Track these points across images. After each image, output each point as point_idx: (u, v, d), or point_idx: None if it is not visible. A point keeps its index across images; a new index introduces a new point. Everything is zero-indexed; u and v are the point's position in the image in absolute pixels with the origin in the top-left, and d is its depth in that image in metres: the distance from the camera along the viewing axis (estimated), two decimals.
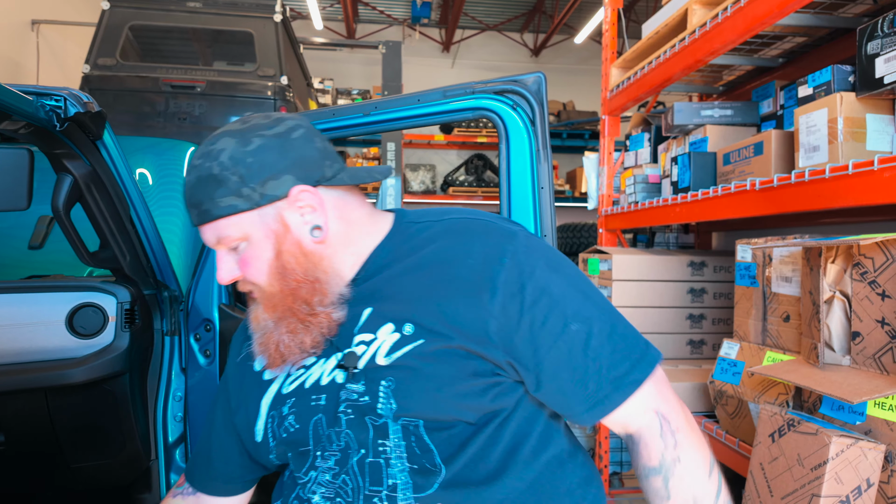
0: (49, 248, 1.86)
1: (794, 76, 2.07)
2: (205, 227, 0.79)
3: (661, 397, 0.78)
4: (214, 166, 0.76)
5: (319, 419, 0.78)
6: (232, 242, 0.78)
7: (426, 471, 0.74)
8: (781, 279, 1.51)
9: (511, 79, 1.07)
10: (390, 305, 0.77)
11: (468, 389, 0.73)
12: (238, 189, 0.76)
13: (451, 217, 0.83)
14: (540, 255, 0.78)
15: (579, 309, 0.76)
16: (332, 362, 0.79)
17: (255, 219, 0.77)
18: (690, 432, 0.78)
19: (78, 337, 1.20)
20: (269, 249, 0.78)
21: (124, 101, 3.75)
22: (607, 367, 0.75)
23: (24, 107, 0.90)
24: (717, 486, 0.77)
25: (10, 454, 1.19)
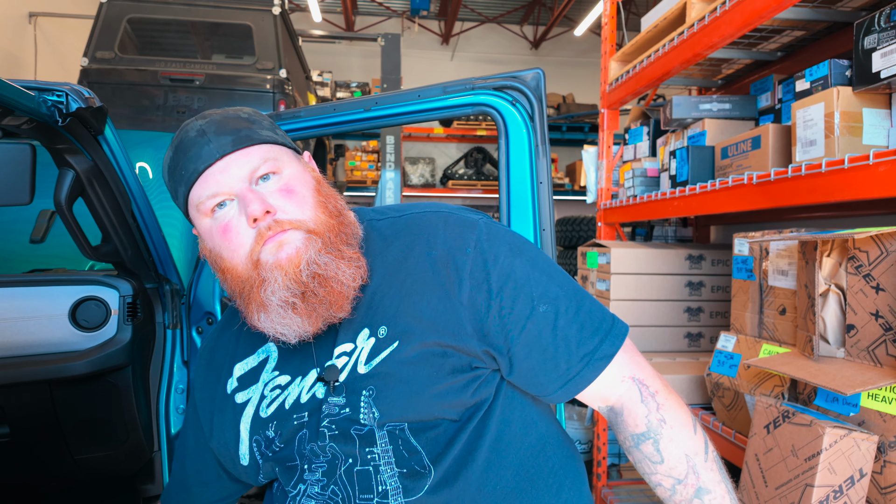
0: (50, 241, 1.87)
1: (793, 70, 2.07)
2: (246, 150, 0.74)
3: (634, 364, 0.80)
4: (241, 113, 0.78)
5: (304, 435, 0.78)
6: (269, 168, 0.75)
7: (416, 473, 0.74)
8: (778, 272, 1.52)
9: (510, 75, 1.08)
10: (363, 310, 0.77)
11: (448, 388, 0.74)
12: (272, 129, 0.79)
13: (411, 212, 0.83)
14: (502, 241, 0.79)
15: (545, 290, 0.77)
16: (310, 378, 0.78)
17: (291, 154, 0.79)
18: (669, 394, 0.80)
19: (81, 330, 1.22)
20: (310, 180, 0.78)
21: (123, 94, 3.75)
22: (576, 345, 0.76)
23: (27, 102, 0.91)
24: (704, 441, 0.79)
25: (15, 446, 1.21)
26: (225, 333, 0.90)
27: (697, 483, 0.77)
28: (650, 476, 0.80)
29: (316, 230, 0.74)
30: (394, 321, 0.75)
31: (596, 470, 2.47)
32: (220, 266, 0.76)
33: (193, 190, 0.76)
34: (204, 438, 0.88)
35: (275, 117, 1.27)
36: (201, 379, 0.89)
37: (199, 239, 0.80)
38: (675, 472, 0.78)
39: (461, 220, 0.80)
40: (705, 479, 0.77)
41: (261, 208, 0.72)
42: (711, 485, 0.77)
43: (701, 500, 0.77)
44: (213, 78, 3.80)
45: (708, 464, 0.78)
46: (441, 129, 7.73)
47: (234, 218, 0.74)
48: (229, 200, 0.75)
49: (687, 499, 0.77)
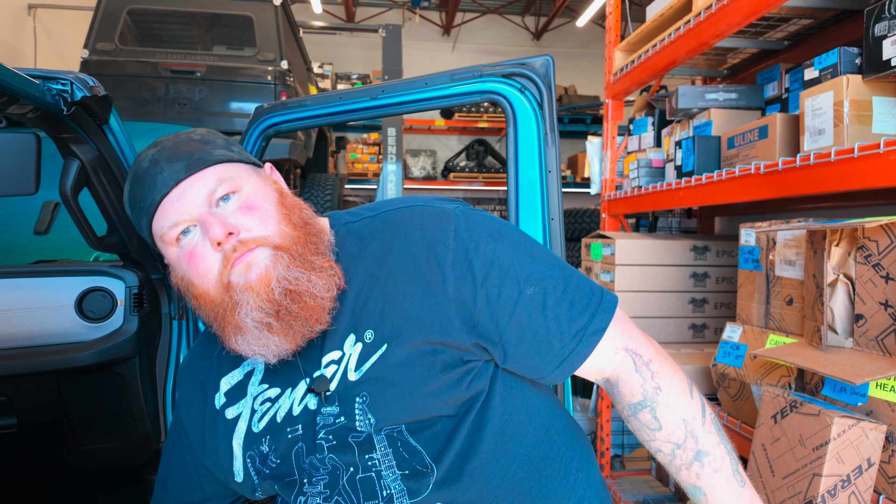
0: (53, 233, 1.87)
1: (800, 59, 2.06)
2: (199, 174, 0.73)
3: (626, 335, 0.79)
4: (193, 135, 0.77)
5: (300, 448, 0.77)
6: (227, 189, 0.74)
7: (418, 473, 0.73)
8: (785, 263, 1.52)
9: (519, 62, 1.07)
10: (348, 316, 0.75)
11: (441, 385, 0.73)
12: (228, 147, 0.78)
13: (385, 210, 0.81)
14: (481, 228, 0.78)
15: (531, 272, 0.76)
16: (300, 389, 0.77)
17: (248, 169, 0.78)
18: (663, 360, 0.80)
19: (87, 321, 1.21)
20: (271, 193, 0.76)
21: (124, 86, 3.73)
22: (567, 323, 0.76)
23: (32, 90, 0.90)
24: (701, 404, 0.80)
25: (22, 436, 1.21)
26: (206, 351, 0.87)
27: (696, 446, 0.77)
28: (650, 443, 0.80)
29: (282, 245, 0.72)
30: (380, 324, 0.74)
31: (599, 461, 2.48)
32: (193, 293, 0.75)
33: (154, 221, 0.75)
34: (191, 457, 0.86)
35: (280, 107, 1.26)
36: (186, 395, 0.87)
37: (170, 268, 0.78)
38: (673, 437, 0.78)
39: (437, 211, 0.78)
40: (704, 441, 0.78)
41: (222, 231, 0.71)
42: (710, 447, 0.78)
43: (701, 462, 0.77)
44: (213, 69, 3.78)
45: (706, 427, 0.78)
46: (442, 122, 7.70)
47: (198, 243, 0.73)
48: (192, 226, 0.73)
49: (687, 462, 0.78)
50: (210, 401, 0.83)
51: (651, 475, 2.31)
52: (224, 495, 0.90)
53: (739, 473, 0.79)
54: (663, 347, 0.82)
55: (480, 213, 0.82)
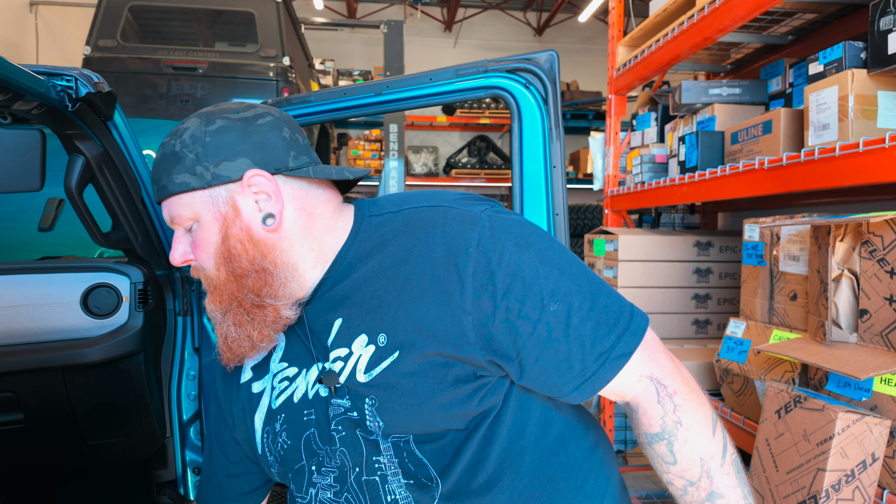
0: (57, 230, 1.87)
1: (804, 54, 2.05)
2: (162, 204, 0.78)
3: (652, 363, 0.75)
4: (177, 143, 0.75)
5: (311, 434, 0.77)
6: (184, 222, 0.76)
7: (423, 485, 0.72)
8: (789, 258, 1.51)
9: (524, 57, 1.07)
10: (360, 314, 0.74)
11: (452, 399, 0.71)
12: (193, 167, 0.74)
13: (409, 207, 0.79)
14: (507, 235, 0.74)
15: (556, 286, 0.72)
16: (313, 373, 0.77)
17: (205, 199, 0.75)
18: (689, 393, 0.76)
19: (93, 317, 1.22)
20: (216, 233, 0.75)
21: (126, 83, 3.73)
22: (591, 344, 0.72)
23: (37, 87, 0.90)
24: (723, 444, 0.76)
25: (29, 432, 1.22)
26: None
27: (710, 487, 0.75)
28: (662, 474, 0.78)
29: (214, 283, 0.76)
30: (393, 329, 0.72)
31: None
32: None
33: None
34: (228, 431, 0.88)
35: (284, 103, 1.26)
36: (221, 370, 0.88)
37: None
38: (687, 474, 0.75)
39: (462, 215, 0.75)
40: (719, 483, 0.75)
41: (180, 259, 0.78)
42: (725, 490, 0.75)
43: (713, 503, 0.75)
44: (215, 66, 3.78)
45: (724, 468, 0.75)
46: (444, 118, 7.68)
47: None
48: None
49: (698, 501, 0.75)
50: (238, 375, 0.85)
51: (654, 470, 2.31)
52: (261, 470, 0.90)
53: None
54: (667, 343, 0.80)
55: (509, 217, 0.78)
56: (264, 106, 0.80)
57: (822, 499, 1.14)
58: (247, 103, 0.79)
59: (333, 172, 0.78)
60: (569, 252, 0.78)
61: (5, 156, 0.99)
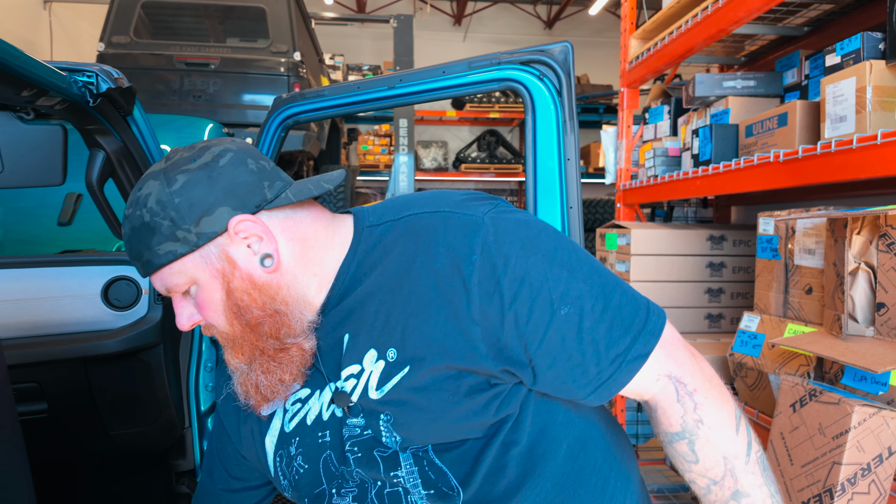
0: (75, 224, 1.90)
1: (820, 45, 2.02)
2: (152, 278, 0.75)
3: (671, 361, 0.73)
4: (144, 214, 0.70)
5: (328, 456, 0.76)
6: (182, 289, 0.73)
7: (444, 495, 0.71)
8: (804, 251, 1.50)
9: (538, 48, 1.07)
10: (368, 329, 0.72)
11: (468, 410, 0.70)
12: (172, 233, 0.70)
13: (409, 214, 0.76)
14: (512, 238, 0.71)
15: (566, 289, 0.70)
16: (327, 394, 0.76)
17: (197, 261, 0.71)
18: (710, 390, 0.74)
19: (113, 309, 1.24)
20: (218, 290, 0.72)
21: (139, 79, 3.76)
22: (606, 347, 0.70)
23: (60, 83, 0.92)
24: (747, 441, 0.74)
25: (52, 421, 1.24)
26: None
27: (735, 486, 0.73)
28: (684, 473, 0.76)
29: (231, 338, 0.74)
30: (402, 343, 0.70)
31: None
32: None
33: None
34: (232, 447, 0.87)
35: (299, 97, 1.27)
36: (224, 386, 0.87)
37: None
38: (710, 473, 0.73)
39: (464, 221, 0.72)
40: (744, 482, 0.73)
41: (188, 323, 0.76)
42: (751, 489, 0.73)
43: (738, 502, 0.73)
44: (227, 62, 3.80)
45: (749, 466, 0.73)
46: (454, 112, 7.67)
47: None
48: None
49: (722, 500, 0.73)
50: None
51: (665, 465, 2.31)
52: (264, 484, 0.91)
53: None
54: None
55: (514, 218, 0.74)
56: (215, 141, 0.76)
57: (838, 492, 1.14)
58: (197, 146, 0.74)
59: (312, 189, 0.76)
60: (579, 249, 0.75)
61: (29, 151, 1.01)
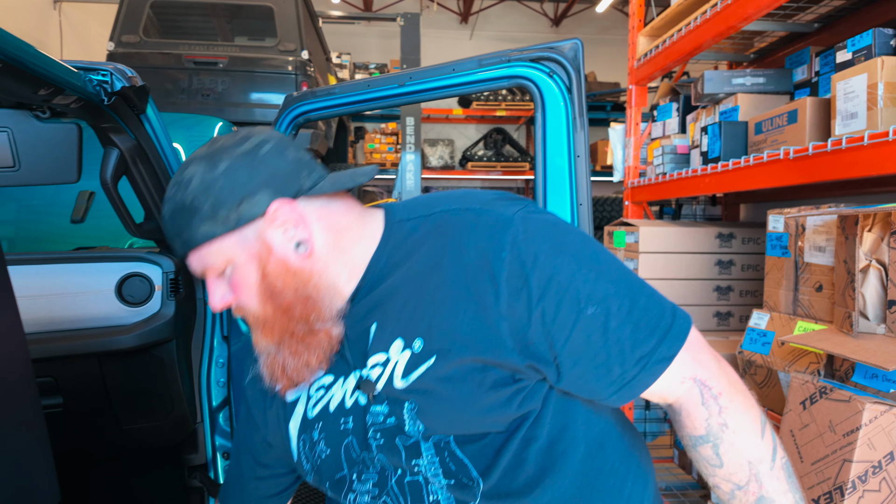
0: (87, 222, 1.92)
1: (830, 42, 2.01)
2: (189, 257, 0.77)
3: (696, 363, 0.73)
4: (186, 195, 0.73)
5: (350, 442, 0.77)
6: (217, 269, 0.76)
7: (464, 486, 0.72)
8: (814, 249, 1.50)
9: (548, 45, 1.07)
10: (396, 319, 0.74)
11: (491, 403, 0.71)
12: (213, 214, 0.73)
13: (440, 210, 0.78)
14: (542, 237, 0.72)
15: (593, 289, 0.71)
16: (351, 382, 0.77)
17: (235, 242, 0.74)
18: (735, 394, 0.74)
19: (127, 305, 1.26)
20: (254, 272, 0.75)
21: (148, 78, 3.74)
22: (631, 348, 0.70)
23: (76, 81, 0.93)
24: (772, 446, 0.74)
25: (68, 415, 1.26)
26: None
27: (759, 492, 0.72)
28: (708, 478, 0.75)
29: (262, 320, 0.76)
30: (428, 334, 0.72)
31: None
32: None
33: None
34: (258, 434, 0.89)
35: (309, 95, 1.28)
36: (250, 374, 0.89)
37: None
38: (734, 477, 0.73)
39: (494, 219, 0.73)
40: (769, 488, 0.72)
41: (220, 305, 0.78)
42: (776, 494, 0.72)
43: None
44: (235, 60, 3.82)
45: (774, 472, 0.73)
46: (460, 110, 7.66)
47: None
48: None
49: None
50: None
51: (674, 462, 2.31)
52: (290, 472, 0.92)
53: None
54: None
55: (544, 218, 0.76)
56: (259, 130, 0.78)
57: (849, 489, 1.13)
58: (241, 133, 0.77)
59: (348, 181, 0.78)
60: (607, 252, 0.76)
61: (45, 149, 1.03)
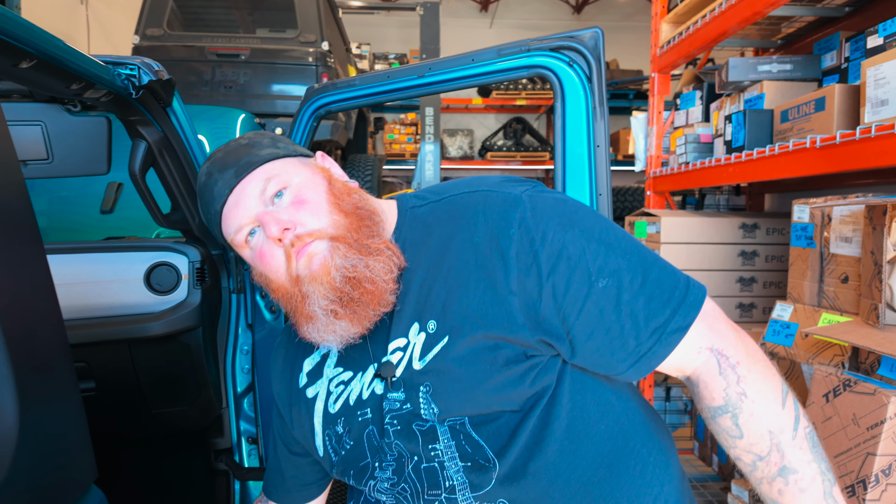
0: (116, 212, 1.97)
1: (861, 27, 1.95)
2: (248, 177, 0.76)
3: (713, 333, 0.72)
4: (242, 140, 0.80)
5: (371, 431, 0.78)
6: (275, 189, 0.76)
7: (480, 467, 0.72)
8: (841, 239, 1.47)
9: (567, 34, 1.06)
10: (412, 304, 0.75)
11: (504, 380, 0.71)
12: (274, 144, 0.80)
13: (450, 195, 0.79)
14: (550, 214, 0.72)
15: (604, 262, 0.71)
16: (369, 374, 0.78)
17: (296, 163, 0.80)
18: (754, 363, 0.72)
19: (155, 293, 1.29)
20: (320, 182, 0.78)
21: (172, 70, 3.80)
22: (645, 320, 0.70)
23: (105, 75, 0.96)
24: (795, 416, 0.71)
25: (99, 400, 1.31)
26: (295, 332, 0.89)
27: (782, 462, 0.71)
28: (729, 450, 0.74)
29: (336, 234, 0.74)
30: (442, 315, 0.72)
31: None
32: (271, 287, 0.78)
33: (223, 229, 0.80)
34: (287, 428, 0.91)
35: (330, 87, 1.29)
36: (278, 373, 0.91)
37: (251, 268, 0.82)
38: (755, 448, 0.71)
39: (503, 197, 0.74)
40: (792, 458, 0.70)
41: (278, 229, 0.73)
42: (799, 465, 0.70)
43: (785, 479, 0.70)
44: (257, 52, 3.85)
45: (796, 441, 0.71)
46: (480, 100, 7.62)
47: (265, 242, 0.76)
48: (256, 227, 0.77)
49: (769, 476, 0.71)
50: (296, 379, 0.87)
51: (694, 454, 2.30)
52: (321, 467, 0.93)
53: (833, 498, 0.70)
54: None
55: (551, 196, 0.76)
56: None
57: (872, 483, 1.12)
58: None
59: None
60: (617, 227, 0.76)
61: (76, 142, 1.06)
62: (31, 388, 0.56)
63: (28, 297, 0.60)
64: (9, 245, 0.57)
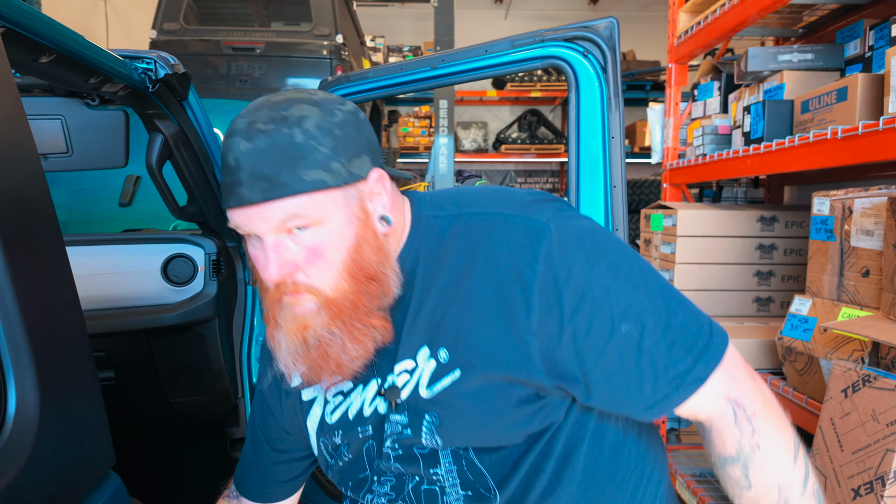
0: (134, 205, 2.01)
1: (886, 14, 1.90)
2: (273, 203, 0.64)
3: (731, 382, 0.70)
4: (297, 133, 0.64)
5: (371, 446, 0.77)
6: (297, 223, 0.65)
7: (481, 496, 0.71)
8: (862, 232, 1.44)
9: (582, 25, 1.05)
10: (424, 325, 0.71)
11: (514, 420, 0.69)
12: (327, 162, 0.65)
13: (471, 212, 0.74)
14: (576, 247, 0.69)
15: (629, 304, 0.68)
16: (371, 389, 0.75)
17: (339, 199, 0.66)
18: (769, 415, 0.71)
19: (172, 285, 1.32)
20: (350, 237, 0.67)
21: (188, 64, 3.84)
22: (664, 367, 0.68)
23: (122, 69, 0.97)
24: (804, 472, 0.71)
25: (118, 389, 1.34)
26: None
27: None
28: (735, 498, 0.73)
29: (331, 299, 0.67)
30: (455, 345, 0.69)
31: None
32: (255, 276, 0.73)
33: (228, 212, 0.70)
34: (274, 422, 0.88)
35: (343, 80, 1.29)
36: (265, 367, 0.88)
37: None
38: (763, 501, 0.71)
39: (528, 226, 0.70)
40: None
41: (276, 274, 0.66)
42: None
43: None
44: (272, 45, 3.87)
45: (804, 499, 0.70)
46: (494, 92, 7.57)
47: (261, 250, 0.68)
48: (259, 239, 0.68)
49: None
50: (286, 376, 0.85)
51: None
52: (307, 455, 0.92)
53: None
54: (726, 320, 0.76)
55: (578, 225, 0.72)
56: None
57: (891, 479, 1.10)
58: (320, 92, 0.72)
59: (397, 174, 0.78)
60: (643, 262, 0.73)
61: (95, 135, 1.08)
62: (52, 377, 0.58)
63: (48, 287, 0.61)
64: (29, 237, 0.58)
